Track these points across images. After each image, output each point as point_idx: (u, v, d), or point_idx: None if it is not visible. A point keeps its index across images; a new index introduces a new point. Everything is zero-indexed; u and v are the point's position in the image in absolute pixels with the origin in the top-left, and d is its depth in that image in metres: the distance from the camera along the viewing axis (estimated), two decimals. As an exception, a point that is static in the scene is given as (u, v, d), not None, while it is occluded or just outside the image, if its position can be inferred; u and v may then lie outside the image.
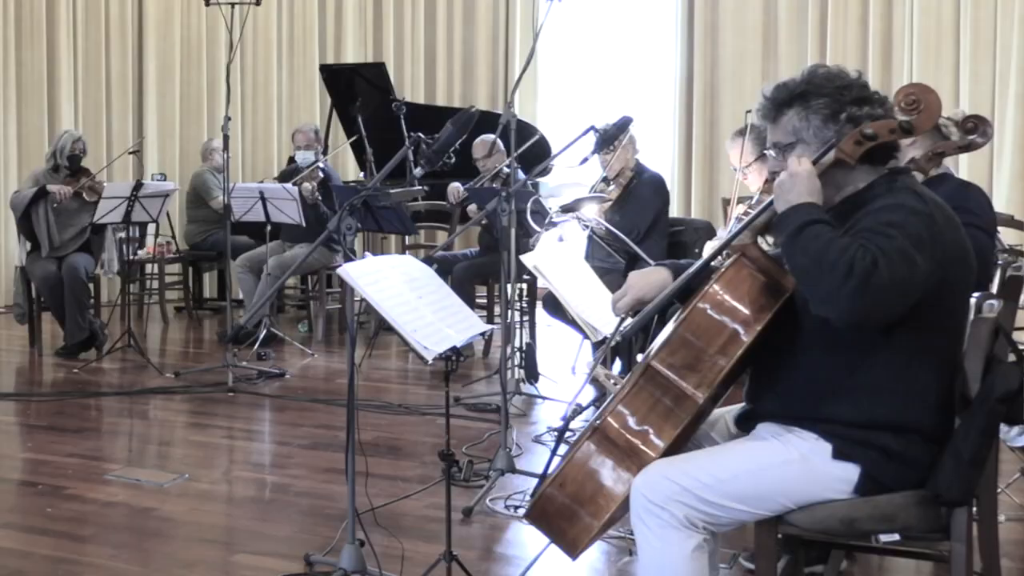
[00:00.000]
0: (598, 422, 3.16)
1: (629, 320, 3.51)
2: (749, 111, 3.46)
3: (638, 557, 3.18)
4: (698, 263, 3.36)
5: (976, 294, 3.20)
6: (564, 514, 3.17)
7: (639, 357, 3.54)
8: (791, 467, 3.09)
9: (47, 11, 11.99)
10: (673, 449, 3.15)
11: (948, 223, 3.08)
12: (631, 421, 3.14)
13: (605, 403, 3.28)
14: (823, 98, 3.16)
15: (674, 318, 3.33)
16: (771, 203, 3.22)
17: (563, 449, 3.68)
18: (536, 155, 8.05)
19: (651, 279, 3.47)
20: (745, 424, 3.33)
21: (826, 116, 3.15)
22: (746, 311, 3.11)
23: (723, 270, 3.16)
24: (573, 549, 3.21)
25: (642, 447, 3.12)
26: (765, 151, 3.36)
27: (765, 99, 3.28)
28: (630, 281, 3.49)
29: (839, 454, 3.08)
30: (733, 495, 3.08)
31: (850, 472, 3.08)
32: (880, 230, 2.92)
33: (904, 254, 2.87)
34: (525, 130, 9.31)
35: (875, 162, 3.17)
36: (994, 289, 3.97)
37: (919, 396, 3.08)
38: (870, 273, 2.81)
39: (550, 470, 3.34)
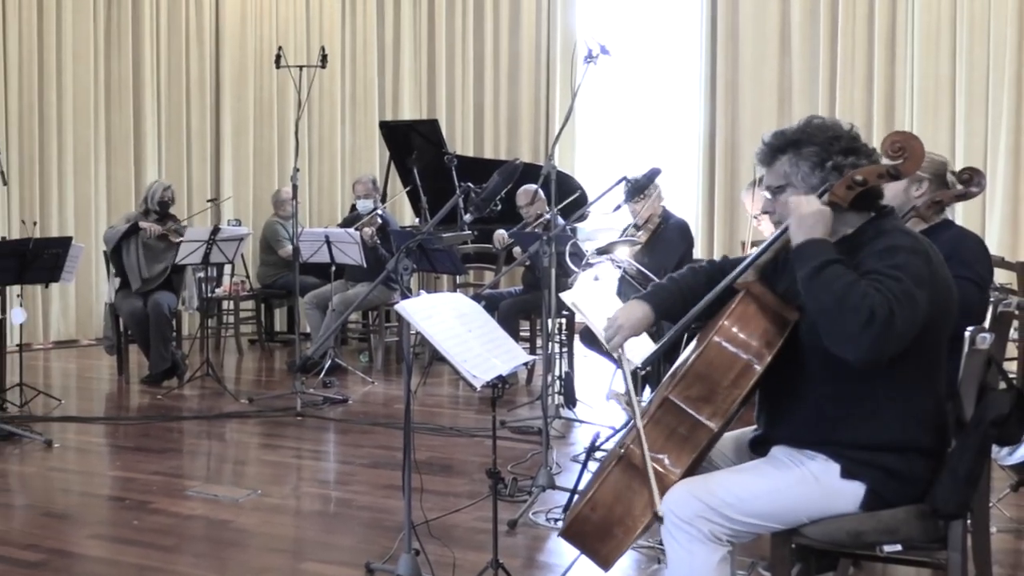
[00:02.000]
0: (622, 451, 3.14)
1: (632, 347, 3.54)
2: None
3: (668, 568, 3.16)
4: (703, 302, 3.32)
5: (969, 328, 3.22)
6: (596, 534, 3.16)
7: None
8: (804, 487, 3.10)
9: (133, 74, 12.14)
10: (690, 471, 3.14)
11: (938, 259, 3.09)
12: (652, 450, 3.11)
13: (626, 431, 3.28)
14: (814, 146, 3.13)
15: (688, 351, 3.32)
16: (770, 243, 3.22)
17: (593, 466, 3.71)
18: (574, 203, 8.09)
19: (635, 315, 3.44)
20: (759, 448, 3.32)
21: (814, 163, 3.12)
22: (757, 343, 3.07)
23: (733, 306, 3.12)
24: (606, 563, 3.20)
25: (662, 473, 3.10)
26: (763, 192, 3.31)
27: (764, 144, 3.26)
28: (619, 320, 3.44)
29: (847, 473, 3.09)
30: (753, 512, 3.09)
31: (856, 489, 3.09)
32: (889, 273, 2.90)
33: (910, 296, 2.86)
34: (566, 181, 9.40)
35: (862, 208, 3.14)
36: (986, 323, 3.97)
37: (915, 418, 3.09)
38: (890, 323, 2.80)
39: (580, 486, 3.35)
